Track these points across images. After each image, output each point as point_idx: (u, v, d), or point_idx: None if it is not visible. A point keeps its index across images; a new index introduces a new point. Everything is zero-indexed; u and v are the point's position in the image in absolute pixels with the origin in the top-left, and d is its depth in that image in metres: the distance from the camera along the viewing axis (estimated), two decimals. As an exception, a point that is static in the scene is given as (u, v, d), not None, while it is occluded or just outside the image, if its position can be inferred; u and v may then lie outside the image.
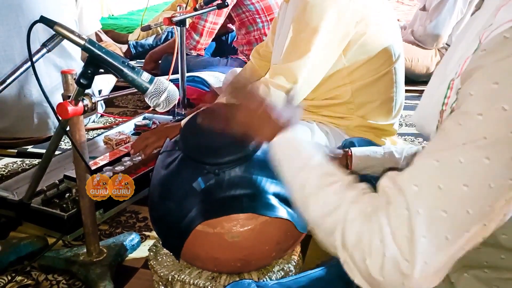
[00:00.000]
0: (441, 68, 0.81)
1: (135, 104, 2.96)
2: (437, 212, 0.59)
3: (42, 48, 1.27)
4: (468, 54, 0.67)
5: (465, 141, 0.59)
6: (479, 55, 0.62)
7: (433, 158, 0.61)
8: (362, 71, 1.56)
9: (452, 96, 0.70)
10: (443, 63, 0.82)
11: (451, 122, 0.62)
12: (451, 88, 0.71)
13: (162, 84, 1.13)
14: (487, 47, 0.62)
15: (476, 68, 0.62)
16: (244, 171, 1.06)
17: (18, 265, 1.45)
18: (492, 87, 0.59)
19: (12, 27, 2.20)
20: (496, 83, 0.59)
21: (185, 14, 2.17)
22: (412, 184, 0.61)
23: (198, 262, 1.15)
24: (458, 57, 0.73)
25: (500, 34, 0.61)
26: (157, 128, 1.78)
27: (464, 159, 0.58)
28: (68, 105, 1.14)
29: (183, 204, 1.08)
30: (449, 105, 0.71)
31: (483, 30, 0.66)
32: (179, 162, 1.12)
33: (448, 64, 0.77)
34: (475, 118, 0.59)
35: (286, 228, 1.09)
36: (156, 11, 5.17)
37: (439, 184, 0.59)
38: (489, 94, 0.59)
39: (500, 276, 0.73)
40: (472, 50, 0.66)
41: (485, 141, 0.58)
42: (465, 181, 0.58)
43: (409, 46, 3.19)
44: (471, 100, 0.60)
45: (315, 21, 1.43)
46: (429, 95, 0.81)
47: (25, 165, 2.13)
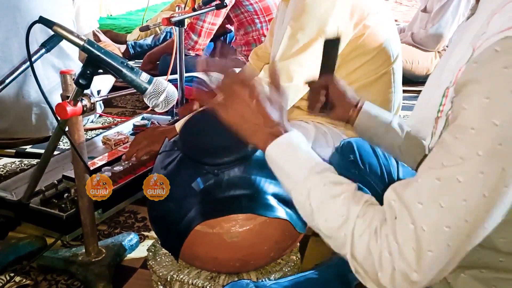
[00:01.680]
0: (436, 74, 0.83)
1: (134, 104, 2.96)
2: (440, 228, 0.63)
3: (40, 49, 1.27)
4: (462, 63, 0.68)
5: (462, 155, 0.62)
6: (472, 67, 0.64)
7: (434, 176, 0.64)
8: (361, 72, 1.56)
9: (447, 104, 0.71)
10: (438, 69, 0.83)
11: (449, 135, 0.64)
12: (446, 95, 0.72)
13: (161, 85, 1.13)
14: (478, 59, 0.63)
15: (468, 81, 0.63)
16: (243, 171, 1.06)
17: (17, 265, 1.45)
18: (483, 102, 0.61)
19: (10, 28, 2.20)
20: (487, 98, 0.60)
21: (184, 15, 2.17)
22: (417, 202, 0.64)
23: (197, 262, 1.15)
24: (453, 64, 0.74)
25: (491, 47, 0.62)
26: (147, 132, 1.70)
27: (462, 178, 0.62)
28: (67, 105, 1.14)
29: (182, 204, 1.08)
30: (444, 112, 0.72)
31: (476, 38, 0.67)
32: (178, 162, 1.12)
33: (443, 70, 0.78)
34: (468, 132, 0.62)
35: (285, 228, 1.10)
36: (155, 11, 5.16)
37: (440, 202, 0.63)
38: (481, 109, 0.61)
39: (498, 276, 0.74)
40: (466, 59, 0.67)
41: (478, 157, 0.61)
42: (464, 197, 0.62)
43: (409, 48, 3.20)
44: (465, 114, 0.63)
45: (313, 21, 1.44)
46: (425, 100, 0.82)
47: (23, 165, 2.13)
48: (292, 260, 1.23)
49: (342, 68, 1.55)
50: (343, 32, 1.46)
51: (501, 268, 0.74)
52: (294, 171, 0.77)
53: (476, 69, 0.63)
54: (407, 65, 3.07)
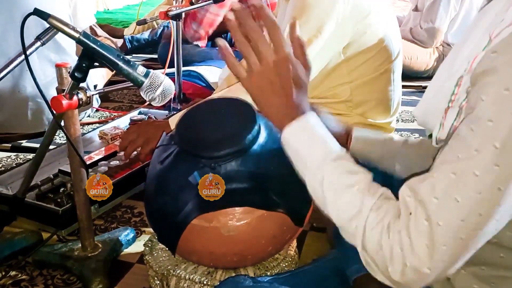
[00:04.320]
0: (448, 63, 0.80)
1: (131, 98, 2.95)
2: (455, 222, 0.62)
3: (36, 41, 1.26)
4: (478, 51, 0.66)
5: (478, 148, 0.61)
6: (490, 57, 0.62)
7: (450, 170, 0.63)
8: (362, 69, 1.56)
9: (461, 93, 0.69)
10: (449, 58, 0.80)
11: (465, 127, 0.63)
12: (459, 85, 0.69)
13: (157, 78, 1.12)
14: (498, 48, 0.61)
15: (487, 71, 0.61)
16: (240, 165, 1.05)
17: (12, 260, 1.44)
18: (503, 93, 0.59)
19: (6, 21, 2.18)
20: (507, 90, 0.59)
21: (181, 8, 2.16)
22: (432, 197, 0.64)
23: (194, 256, 1.14)
24: (467, 53, 0.72)
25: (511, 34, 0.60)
26: (140, 127, 1.62)
27: (478, 171, 0.61)
28: (62, 98, 1.13)
29: (178, 198, 1.07)
30: (456, 102, 0.70)
31: (493, 26, 0.65)
32: (175, 156, 1.11)
33: (455, 60, 0.76)
34: (485, 124, 0.60)
35: (283, 222, 1.09)
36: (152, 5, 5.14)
37: (456, 196, 0.62)
38: (500, 100, 0.59)
39: (498, 273, 0.74)
40: (482, 47, 0.65)
41: (495, 150, 0.60)
42: (479, 190, 0.61)
43: (408, 44, 3.22)
44: (483, 105, 0.61)
45: (313, 20, 1.43)
46: (434, 91, 0.80)
47: (19, 159, 2.12)
48: (290, 255, 1.22)
49: (343, 66, 1.55)
50: (343, 30, 1.46)
51: (501, 265, 0.73)
52: (309, 156, 0.75)
53: (495, 58, 0.61)
54: (405, 60, 3.08)
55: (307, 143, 0.76)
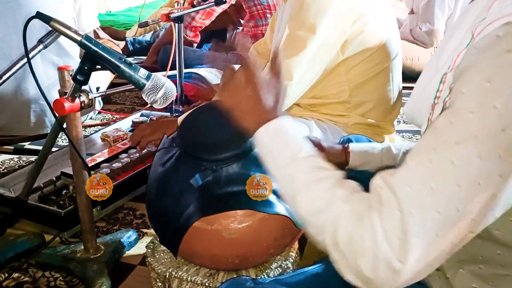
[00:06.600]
0: (433, 60, 0.81)
1: (133, 101, 2.95)
2: (430, 213, 0.59)
3: (38, 44, 1.27)
4: (461, 48, 0.66)
5: (457, 140, 0.59)
6: (472, 53, 0.62)
7: (426, 158, 0.61)
8: (360, 69, 1.56)
9: (445, 90, 0.69)
10: (435, 55, 0.81)
11: (443, 120, 0.62)
12: (443, 82, 0.70)
13: (159, 81, 1.13)
14: (479, 45, 0.62)
15: (468, 66, 0.61)
16: (241, 167, 1.06)
17: (15, 262, 1.44)
18: (483, 85, 0.59)
19: (9, 24, 2.19)
20: (488, 81, 0.58)
21: (183, 11, 2.16)
22: (405, 185, 0.61)
23: (196, 259, 1.15)
24: (451, 50, 0.72)
25: (493, 32, 0.60)
26: (153, 121, 1.75)
27: (456, 160, 0.59)
28: (64, 101, 1.14)
29: (180, 200, 1.07)
30: (441, 98, 0.70)
31: (476, 24, 0.65)
32: (177, 158, 1.12)
33: (440, 57, 0.77)
34: (466, 117, 0.59)
35: (284, 224, 1.09)
36: (154, 7, 5.16)
37: (431, 185, 0.60)
38: (481, 92, 0.59)
39: (496, 272, 0.74)
40: (465, 44, 0.65)
41: (476, 140, 0.58)
42: (458, 181, 0.59)
43: (408, 45, 3.23)
44: (463, 98, 0.60)
45: (311, 19, 1.43)
46: (422, 87, 0.80)
47: (22, 161, 2.13)
48: (292, 257, 1.22)
49: (341, 65, 1.55)
50: (340, 29, 1.46)
51: (498, 263, 0.73)
52: (281, 154, 0.77)
53: (477, 54, 0.61)
54: (407, 62, 3.09)
55: (278, 143, 0.78)
